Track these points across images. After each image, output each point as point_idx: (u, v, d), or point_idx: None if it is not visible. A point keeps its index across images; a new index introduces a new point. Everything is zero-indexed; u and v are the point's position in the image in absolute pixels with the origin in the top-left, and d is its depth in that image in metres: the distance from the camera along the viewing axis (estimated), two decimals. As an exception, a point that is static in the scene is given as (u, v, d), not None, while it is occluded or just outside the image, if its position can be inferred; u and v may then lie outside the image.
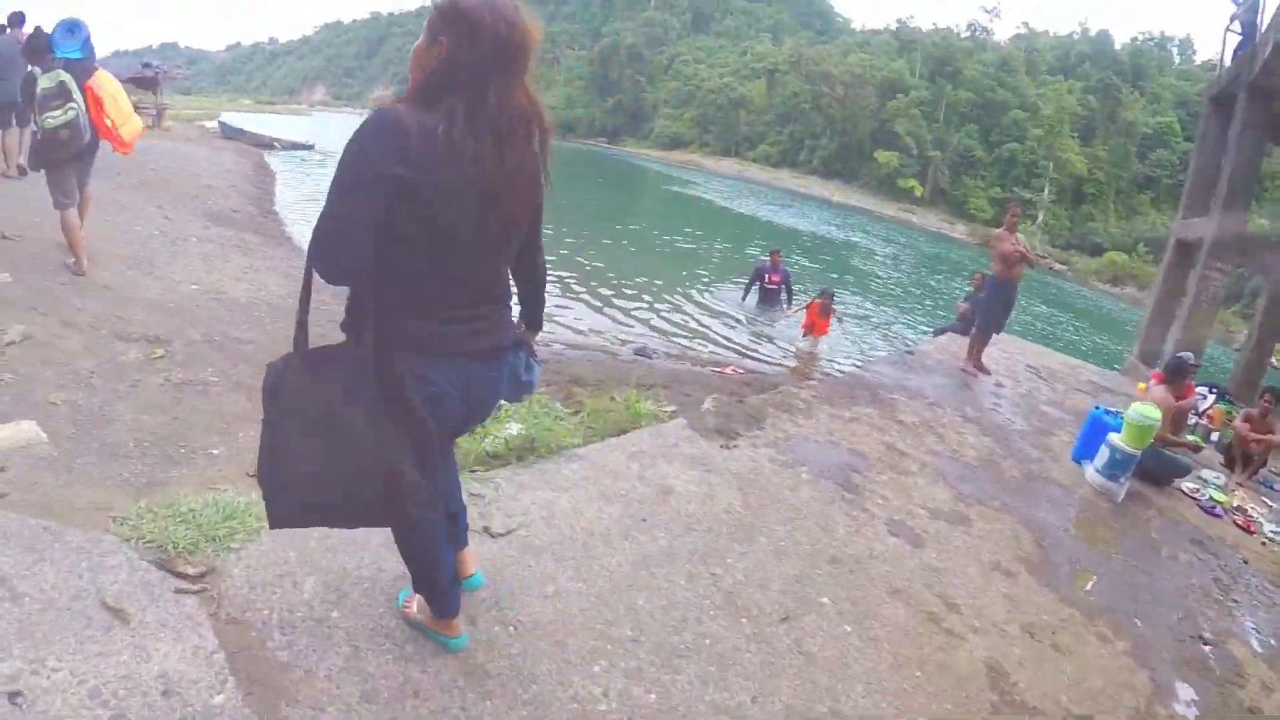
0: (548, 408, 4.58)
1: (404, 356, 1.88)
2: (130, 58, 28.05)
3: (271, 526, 2.04)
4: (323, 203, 1.79)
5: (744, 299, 12.97)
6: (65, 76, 5.81)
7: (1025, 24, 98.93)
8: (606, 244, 17.86)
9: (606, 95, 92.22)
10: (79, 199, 6.34)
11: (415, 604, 2.58)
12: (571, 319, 10.42)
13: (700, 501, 4.04)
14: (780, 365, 9.60)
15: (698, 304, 13.01)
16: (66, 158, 6.00)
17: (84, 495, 3.38)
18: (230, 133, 28.56)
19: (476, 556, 2.99)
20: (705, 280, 15.22)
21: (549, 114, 1.95)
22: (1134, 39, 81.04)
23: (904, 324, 16.41)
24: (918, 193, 61.41)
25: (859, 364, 9.95)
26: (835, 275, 20.51)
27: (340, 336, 1.95)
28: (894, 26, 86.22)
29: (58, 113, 5.73)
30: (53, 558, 2.53)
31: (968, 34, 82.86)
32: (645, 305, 12.17)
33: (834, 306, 11.19)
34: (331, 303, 2.90)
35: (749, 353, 10.29)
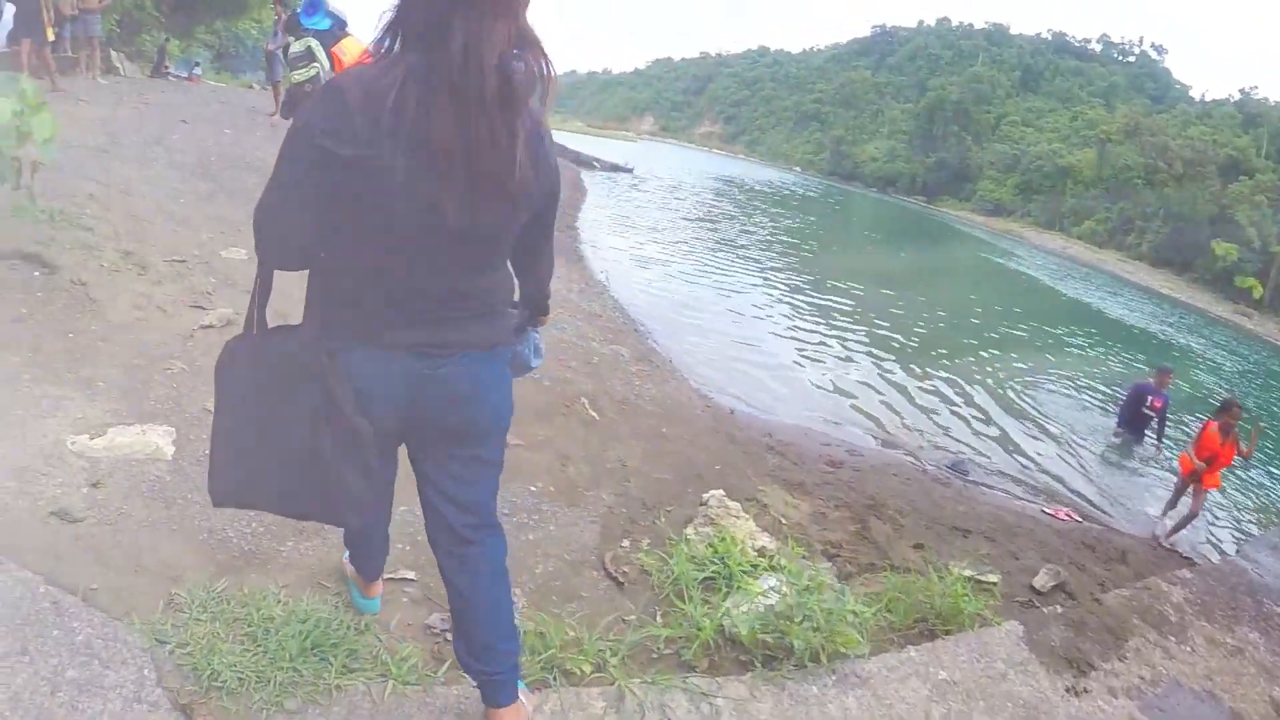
0: (819, 569, 3.00)
1: (341, 346, 1.65)
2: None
3: (214, 504, 1.84)
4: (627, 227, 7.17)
5: (1119, 425, 9.97)
6: (313, 43, 6.71)
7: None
8: (919, 316, 15.23)
9: (929, 152, 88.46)
10: None
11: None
12: (875, 406, 8.49)
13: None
14: (1129, 529, 7.06)
15: (1024, 412, 10.28)
16: None
17: (163, 549, 2.58)
18: None
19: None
20: (1027, 376, 12.33)
21: (549, 63, 1.52)
22: None
23: (1274, 475, 12.66)
24: (1256, 293, 51.80)
25: (1233, 537, 7.42)
26: (1180, 392, 16.54)
27: None
28: (1237, 97, 75.10)
29: (303, 70, 6.66)
30: (39, 651, 1.89)
31: (1322, 109, 69.84)
32: (960, 401, 9.78)
33: (1239, 428, 7.43)
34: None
35: (1091, 495, 7.80)
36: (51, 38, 10.51)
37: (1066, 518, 6.28)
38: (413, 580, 2.67)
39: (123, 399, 3.41)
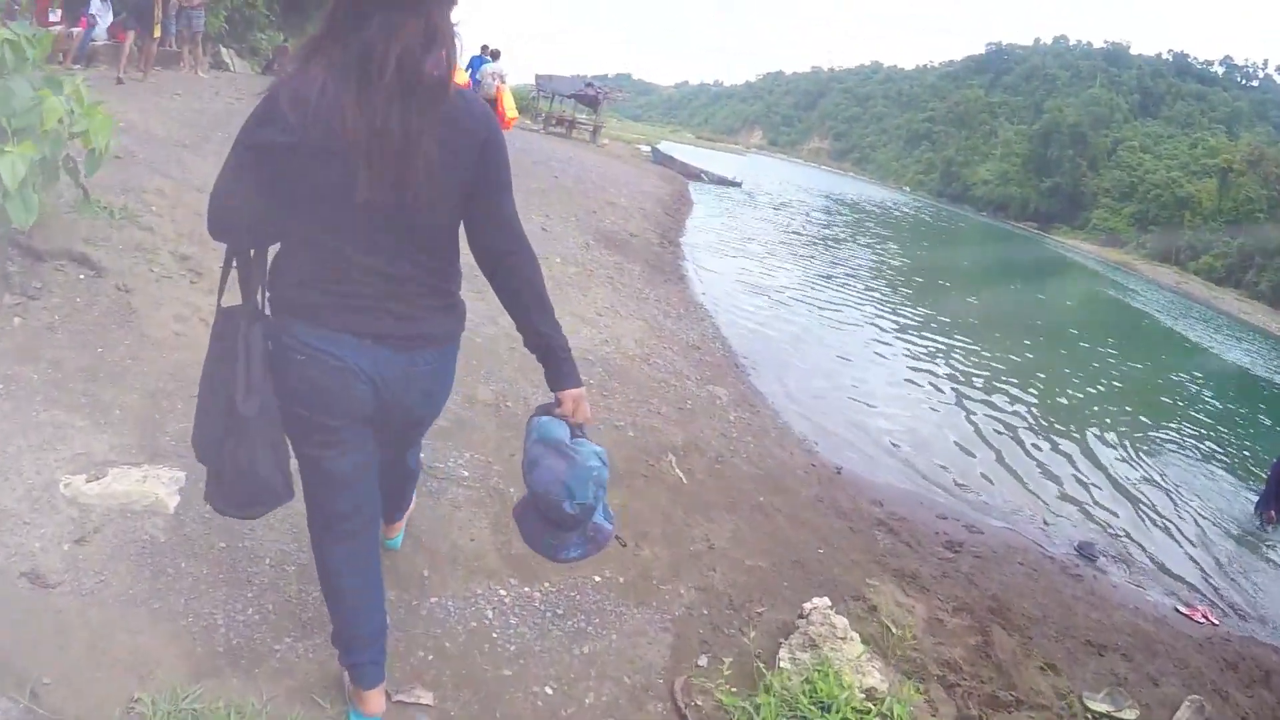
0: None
1: (293, 327, 1.74)
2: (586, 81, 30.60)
3: (196, 458, 1.92)
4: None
5: (1261, 508, 8.34)
6: None
7: None
8: (1036, 361, 13.44)
9: (1044, 176, 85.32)
10: None
11: None
12: (992, 468, 7.35)
13: None
14: (1270, 639, 5.98)
15: (1149, 481, 8.71)
16: None
17: (138, 634, 2.12)
18: (660, 159, 30.32)
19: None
20: (1152, 437, 10.72)
21: (448, 65, 1.63)
22: None
23: None
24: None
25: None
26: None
27: None
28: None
29: None
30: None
31: None
32: (1081, 466, 8.34)
33: None
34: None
35: (1226, 590, 6.61)
36: (158, 34, 10.58)
37: (1203, 619, 5.48)
38: (429, 707, 2.12)
39: (135, 431, 2.99)
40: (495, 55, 15.78)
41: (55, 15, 10.14)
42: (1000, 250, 43.09)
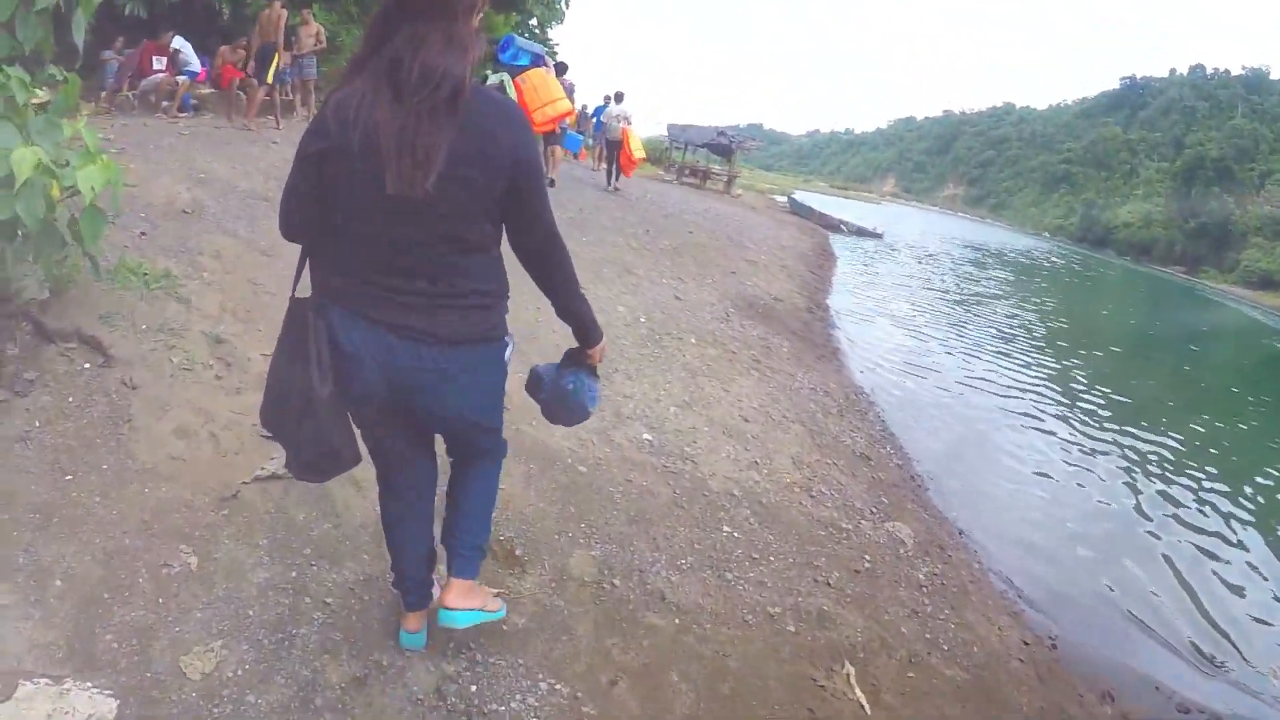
0: None
1: (327, 309, 1.84)
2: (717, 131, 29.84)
3: (261, 424, 2.01)
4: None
5: None
6: (505, 76, 8.35)
7: None
8: (1236, 442, 10.42)
9: (1189, 216, 79.52)
10: None
11: None
12: (1207, 612, 5.07)
13: None
14: None
15: None
16: None
17: None
18: (798, 209, 29.52)
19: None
20: None
21: (467, 66, 1.69)
22: None
23: None
24: None
25: None
26: None
27: None
28: None
29: None
30: None
31: None
32: None
33: None
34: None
35: None
36: (270, 80, 10.49)
37: None
38: None
39: (70, 620, 2.08)
40: (619, 98, 15.38)
41: (160, 64, 9.92)
42: (1158, 302, 38.95)
